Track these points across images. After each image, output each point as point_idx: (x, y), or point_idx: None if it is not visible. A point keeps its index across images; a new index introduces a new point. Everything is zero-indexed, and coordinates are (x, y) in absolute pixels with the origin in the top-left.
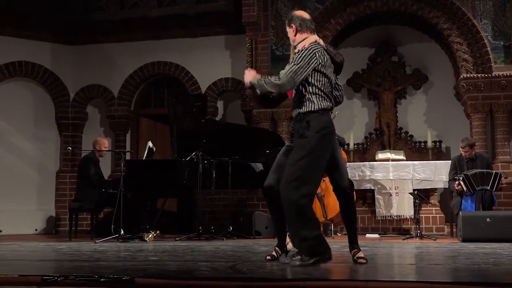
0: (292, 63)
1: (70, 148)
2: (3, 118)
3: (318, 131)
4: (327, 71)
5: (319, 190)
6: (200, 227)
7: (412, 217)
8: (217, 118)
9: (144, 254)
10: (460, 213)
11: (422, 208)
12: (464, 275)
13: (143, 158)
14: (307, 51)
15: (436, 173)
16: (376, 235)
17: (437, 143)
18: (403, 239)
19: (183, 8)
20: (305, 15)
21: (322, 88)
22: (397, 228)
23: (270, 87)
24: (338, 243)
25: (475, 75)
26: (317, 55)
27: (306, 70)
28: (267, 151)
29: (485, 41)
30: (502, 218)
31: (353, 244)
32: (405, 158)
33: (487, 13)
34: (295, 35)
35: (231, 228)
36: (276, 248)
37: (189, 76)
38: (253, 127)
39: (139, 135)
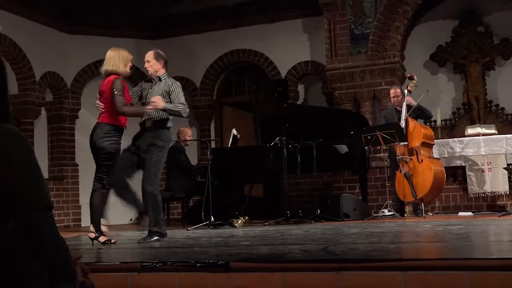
0: (178, 95)
1: None
2: (95, 114)
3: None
4: None
5: (407, 169)
6: (288, 212)
7: (508, 193)
8: (299, 102)
9: (235, 240)
10: None
11: None
12: None
13: (228, 146)
14: (179, 84)
15: None
16: (469, 213)
17: None
18: (499, 216)
19: None
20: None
21: None
22: (491, 205)
23: (183, 113)
24: (429, 223)
25: None
26: None
27: None
28: (351, 132)
29: None
30: None
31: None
32: (497, 132)
33: None
34: (162, 68)
35: (318, 211)
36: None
37: (269, 62)
38: (335, 109)
39: (223, 123)
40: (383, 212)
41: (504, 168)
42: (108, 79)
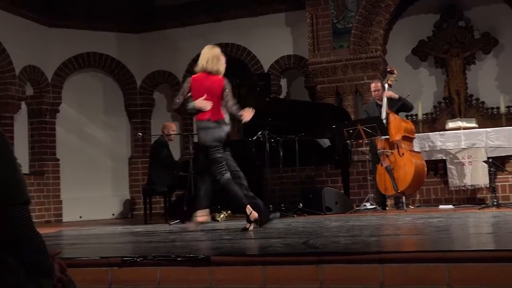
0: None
1: (141, 134)
2: (76, 108)
3: None
4: None
5: (388, 163)
6: (271, 205)
7: (488, 186)
8: (281, 96)
9: (217, 234)
10: None
11: (498, 176)
12: None
13: None
14: None
15: (511, 139)
16: (450, 206)
17: (511, 109)
18: (479, 209)
19: None
20: None
21: None
22: (471, 198)
23: None
24: (410, 216)
25: None
26: None
27: None
28: (334, 126)
29: None
30: None
31: None
32: (477, 126)
33: None
34: None
35: (301, 205)
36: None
37: (251, 56)
38: (318, 103)
39: None
40: (365, 205)
41: (484, 161)
42: (217, 78)
